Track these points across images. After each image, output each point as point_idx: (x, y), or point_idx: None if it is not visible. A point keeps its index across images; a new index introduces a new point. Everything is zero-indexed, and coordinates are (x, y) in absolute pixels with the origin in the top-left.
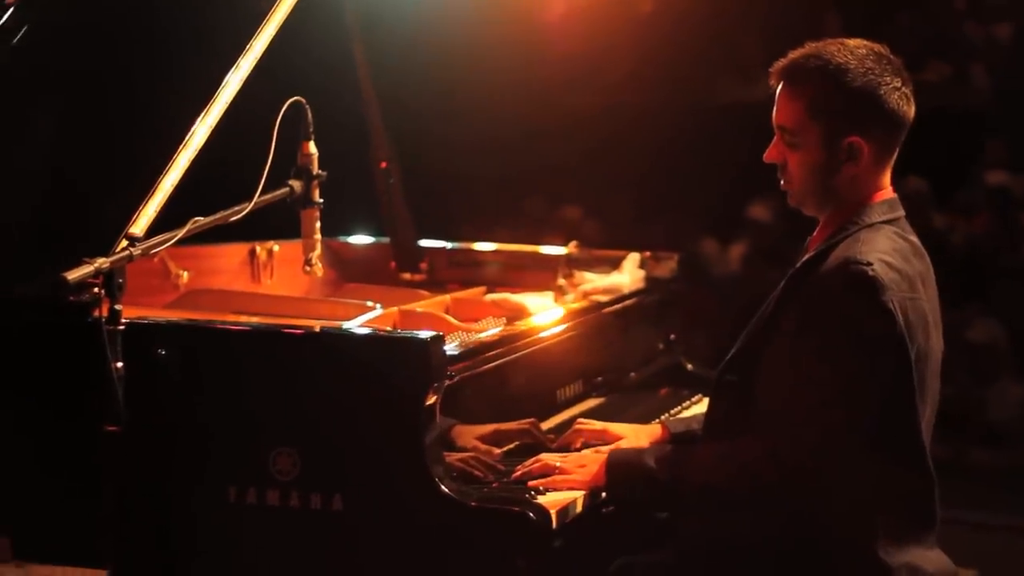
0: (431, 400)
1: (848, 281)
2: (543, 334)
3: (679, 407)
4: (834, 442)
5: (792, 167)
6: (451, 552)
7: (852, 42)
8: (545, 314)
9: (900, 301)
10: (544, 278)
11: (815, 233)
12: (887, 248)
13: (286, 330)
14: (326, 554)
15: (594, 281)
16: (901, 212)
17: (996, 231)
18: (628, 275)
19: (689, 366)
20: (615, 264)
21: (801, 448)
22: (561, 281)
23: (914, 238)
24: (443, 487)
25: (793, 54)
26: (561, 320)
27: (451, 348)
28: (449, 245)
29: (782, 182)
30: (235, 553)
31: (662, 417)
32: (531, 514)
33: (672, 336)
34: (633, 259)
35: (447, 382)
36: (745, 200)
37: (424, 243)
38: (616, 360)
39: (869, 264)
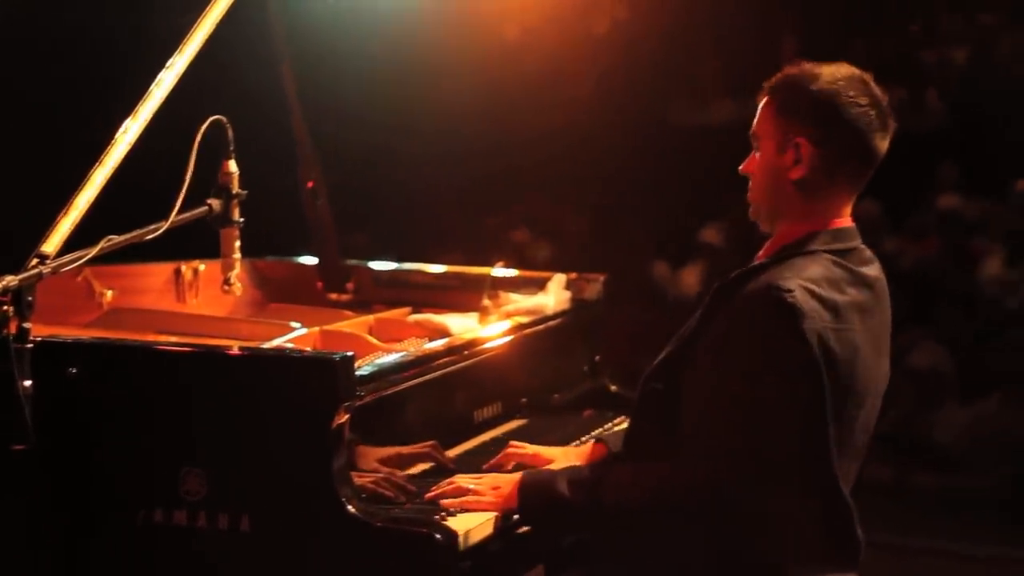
0: (340, 420)
1: (766, 306)
2: (462, 354)
3: (603, 430)
4: (741, 466)
5: (755, 172)
6: (358, 573)
7: (841, 64)
8: (463, 334)
9: (820, 330)
10: (470, 299)
11: (759, 254)
12: (816, 276)
13: (193, 350)
14: (234, 575)
15: (518, 302)
16: (852, 243)
17: (946, 255)
18: (553, 296)
19: (614, 388)
20: (541, 285)
21: (709, 471)
22: (486, 302)
23: (865, 269)
24: (350, 507)
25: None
26: (480, 340)
27: (364, 368)
28: (376, 265)
29: (748, 194)
30: (143, 574)
31: (596, 432)
32: (437, 535)
33: (597, 358)
34: (558, 280)
35: (357, 402)
36: (697, 223)
37: (351, 263)
38: (539, 381)
39: (790, 291)
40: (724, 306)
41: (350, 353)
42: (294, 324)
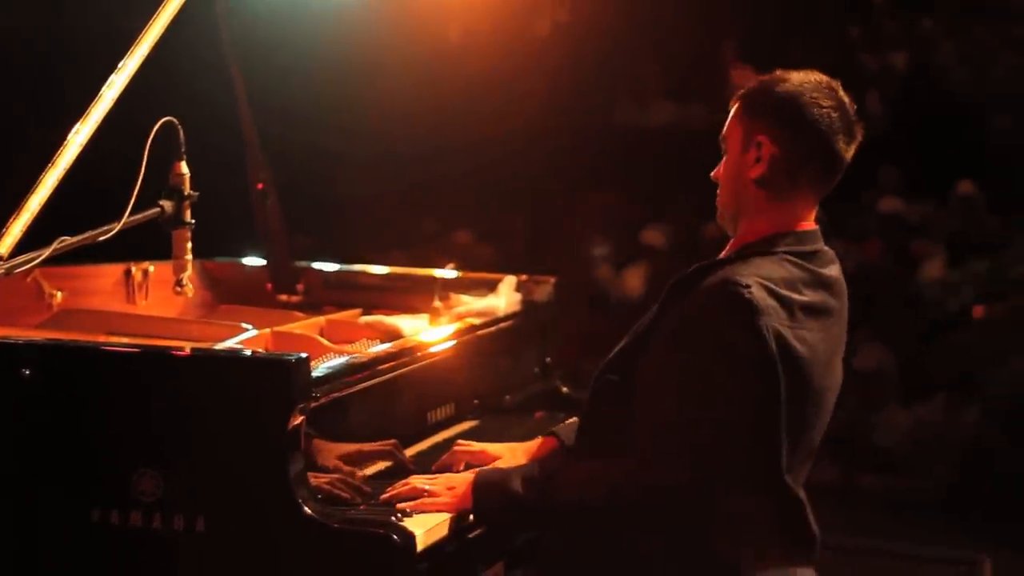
0: (295, 422)
1: (723, 301)
2: (415, 355)
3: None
4: (695, 462)
5: (721, 174)
6: (315, 575)
7: (811, 72)
8: (416, 336)
9: (776, 328)
10: (421, 300)
11: (723, 252)
12: (774, 275)
13: (149, 351)
14: None
15: (469, 304)
16: (815, 246)
17: (888, 257)
18: (504, 298)
19: (565, 389)
20: (491, 287)
21: (663, 467)
22: (437, 303)
23: (826, 271)
24: (306, 509)
25: None
26: (433, 342)
27: (318, 370)
28: (326, 267)
29: (717, 199)
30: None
31: (555, 428)
32: (395, 537)
33: (548, 359)
34: (509, 282)
35: (312, 403)
36: (639, 225)
37: (301, 264)
38: (491, 383)
39: (747, 287)
40: (680, 300)
41: (305, 355)
42: (245, 325)
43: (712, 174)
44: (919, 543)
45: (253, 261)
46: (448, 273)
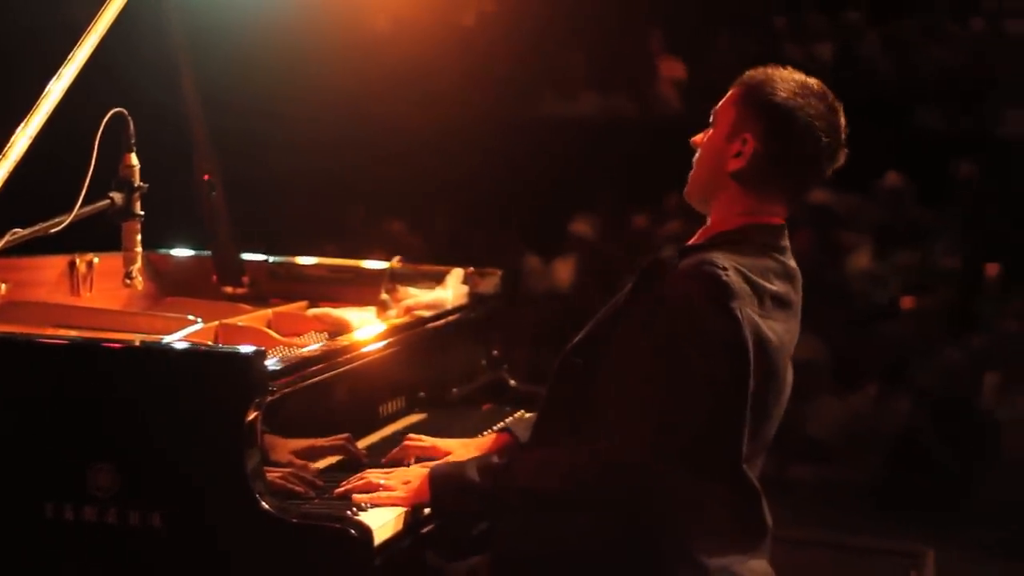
0: (252, 416)
1: (699, 283)
2: (367, 349)
3: (501, 423)
4: (657, 440)
5: (701, 147)
6: (271, 570)
7: (818, 86)
8: (368, 329)
9: (748, 314)
10: (367, 293)
11: (693, 239)
12: (748, 263)
13: (104, 344)
14: (145, 572)
15: (417, 296)
16: (782, 242)
17: (816, 248)
18: (451, 290)
19: (512, 382)
20: (438, 279)
21: (623, 451)
22: (384, 296)
23: (792, 264)
24: (263, 503)
25: None
26: (384, 335)
27: (273, 363)
28: (271, 259)
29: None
30: (52, 571)
31: (506, 422)
32: (352, 531)
33: (495, 352)
34: (456, 274)
35: (268, 398)
36: (567, 215)
37: (246, 257)
38: (439, 375)
39: (724, 269)
40: (652, 283)
41: (261, 348)
42: (192, 318)
43: (693, 139)
44: (851, 532)
45: (194, 253)
46: (395, 266)
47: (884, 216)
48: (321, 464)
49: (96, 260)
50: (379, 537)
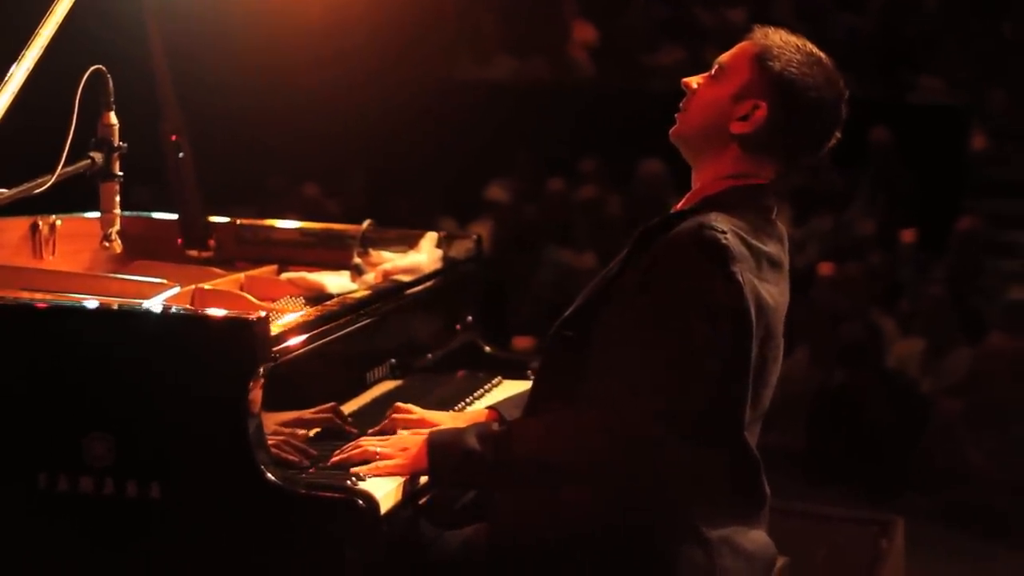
0: (256, 383)
1: (698, 245)
2: (357, 313)
3: (480, 389)
4: (665, 409)
5: (700, 93)
6: (275, 542)
7: (840, 78)
8: (361, 294)
9: (748, 277)
10: (335, 256)
11: (680, 203)
12: (743, 225)
13: (100, 309)
14: (144, 544)
15: (393, 260)
16: (770, 201)
17: None
18: (426, 255)
19: (488, 348)
20: (411, 243)
21: (630, 414)
22: (357, 260)
23: (782, 228)
24: (268, 474)
25: None
26: (377, 299)
27: (275, 329)
28: (239, 221)
29: (680, 107)
30: (47, 543)
31: (479, 393)
32: (360, 501)
33: (469, 318)
34: (431, 238)
35: (271, 364)
36: (483, 179)
37: (213, 219)
38: (415, 342)
39: (723, 232)
40: (648, 249)
41: (264, 314)
42: (162, 281)
43: (684, 80)
44: (777, 496)
45: (161, 215)
46: (367, 229)
47: (801, 181)
48: (310, 433)
49: (59, 222)
50: (383, 507)
